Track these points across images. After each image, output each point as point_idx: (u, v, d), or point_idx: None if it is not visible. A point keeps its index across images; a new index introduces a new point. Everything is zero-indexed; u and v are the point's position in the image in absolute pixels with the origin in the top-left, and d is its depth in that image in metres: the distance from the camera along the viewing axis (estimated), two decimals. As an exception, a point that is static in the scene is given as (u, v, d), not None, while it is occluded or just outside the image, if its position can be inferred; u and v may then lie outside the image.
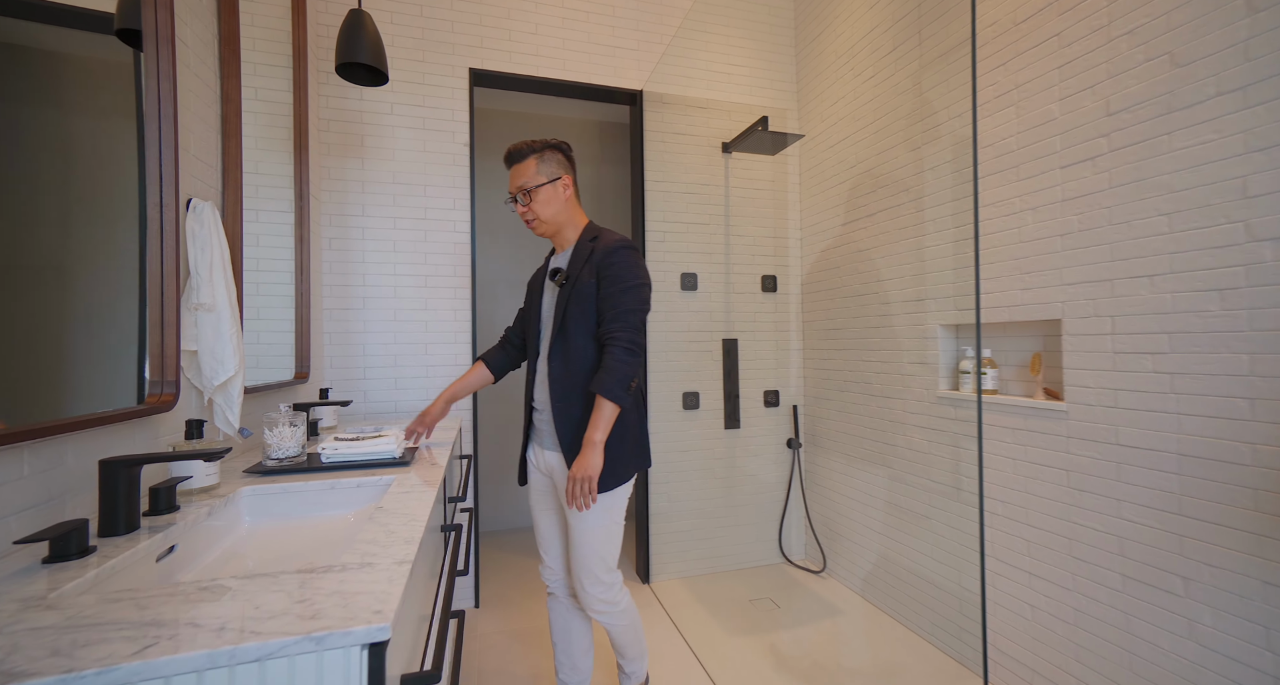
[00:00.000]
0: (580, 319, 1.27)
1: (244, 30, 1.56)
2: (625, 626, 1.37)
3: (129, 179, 0.95)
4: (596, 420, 1.20)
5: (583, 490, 1.19)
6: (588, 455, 1.19)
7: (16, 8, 0.75)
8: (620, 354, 1.21)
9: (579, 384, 1.27)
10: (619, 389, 1.20)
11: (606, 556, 1.29)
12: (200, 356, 1.09)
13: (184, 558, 0.82)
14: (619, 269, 1.25)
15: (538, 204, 1.31)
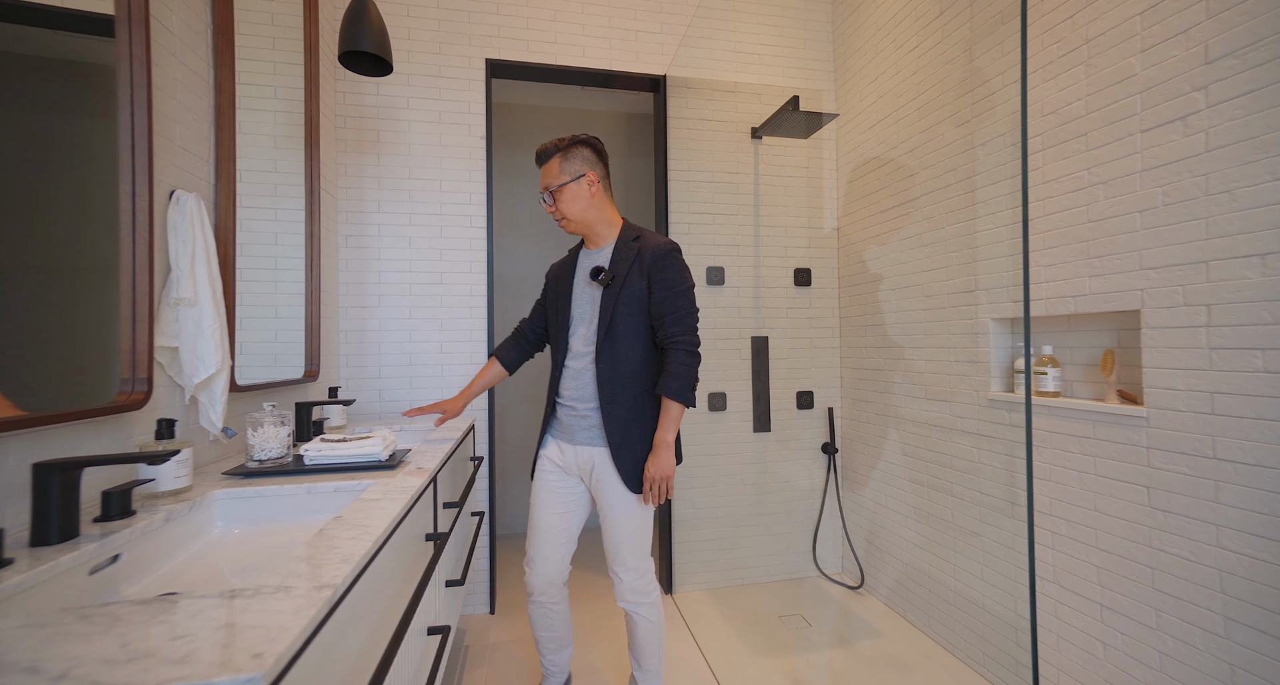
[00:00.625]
0: (628, 320, 1.29)
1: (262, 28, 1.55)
2: (652, 623, 1.38)
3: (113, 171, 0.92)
4: (666, 422, 1.27)
5: (660, 489, 1.27)
6: (662, 456, 1.27)
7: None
8: (684, 357, 1.27)
9: (627, 384, 1.30)
10: (687, 391, 1.26)
11: (644, 544, 1.35)
12: (181, 353, 1.05)
13: (129, 569, 0.77)
14: (672, 272, 1.29)
15: (563, 203, 1.32)
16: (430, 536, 1.10)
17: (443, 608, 1.25)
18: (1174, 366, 1.16)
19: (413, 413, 1.44)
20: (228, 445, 1.22)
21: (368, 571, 0.72)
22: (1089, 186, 1.34)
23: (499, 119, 3.02)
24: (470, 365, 2.10)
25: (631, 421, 1.30)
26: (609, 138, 3.14)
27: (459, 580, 1.33)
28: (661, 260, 1.29)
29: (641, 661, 1.41)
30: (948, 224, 1.80)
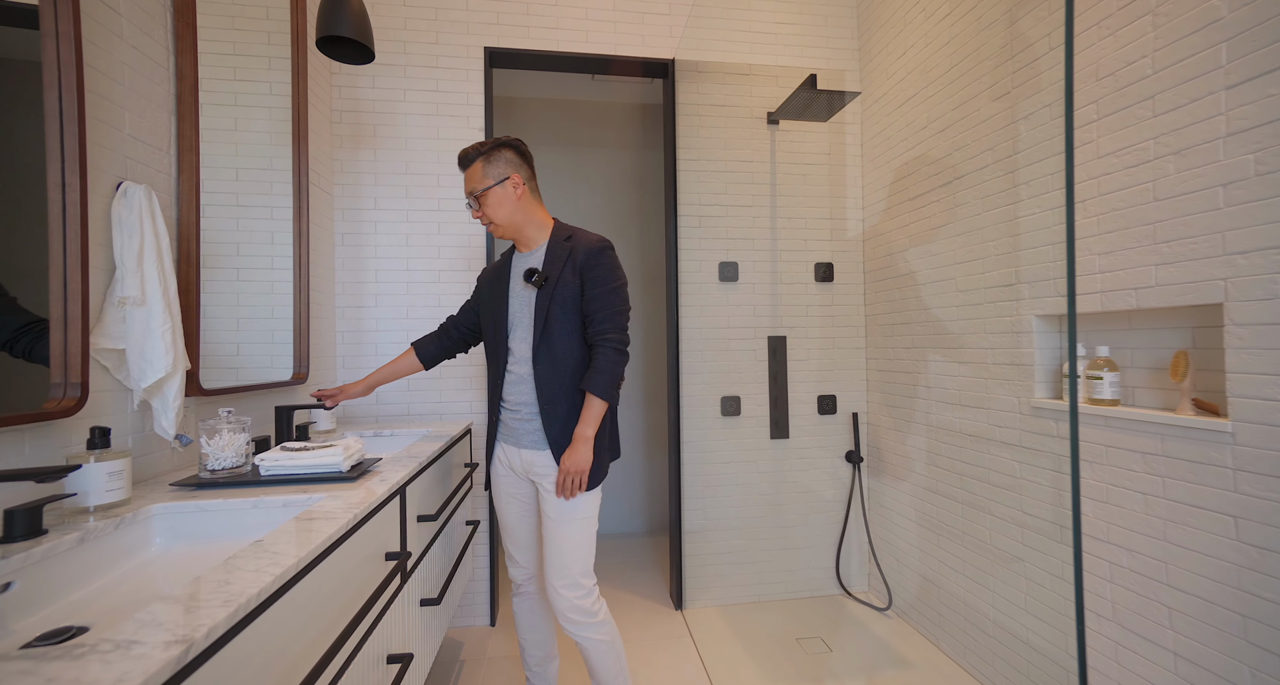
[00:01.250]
0: (563, 320, 1.28)
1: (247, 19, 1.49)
2: (603, 643, 1.29)
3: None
4: (587, 417, 1.24)
5: (573, 483, 1.23)
6: (579, 449, 1.23)
7: None
8: (611, 354, 1.26)
9: (565, 384, 1.28)
10: (610, 388, 1.25)
11: (584, 558, 1.29)
12: (128, 355, 0.99)
13: (25, 597, 0.69)
14: (603, 270, 1.28)
15: (489, 207, 1.29)
16: (392, 556, 1.00)
17: (415, 630, 1.16)
18: (1266, 371, 0.96)
19: (319, 393, 1.43)
20: (183, 453, 1.15)
21: (274, 606, 0.61)
22: (1156, 159, 1.14)
23: (505, 114, 2.94)
24: (469, 366, 2.01)
25: (571, 422, 1.28)
26: (623, 129, 3.02)
27: (435, 599, 1.24)
28: (593, 258, 1.28)
29: (603, 678, 1.30)
30: (985, 210, 1.61)
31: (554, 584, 1.27)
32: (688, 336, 2.14)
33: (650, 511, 3.05)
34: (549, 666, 1.50)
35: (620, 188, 3.03)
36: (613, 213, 3.01)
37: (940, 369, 1.81)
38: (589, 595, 1.28)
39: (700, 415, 2.14)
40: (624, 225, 3.02)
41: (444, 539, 1.44)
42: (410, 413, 1.97)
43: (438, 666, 1.76)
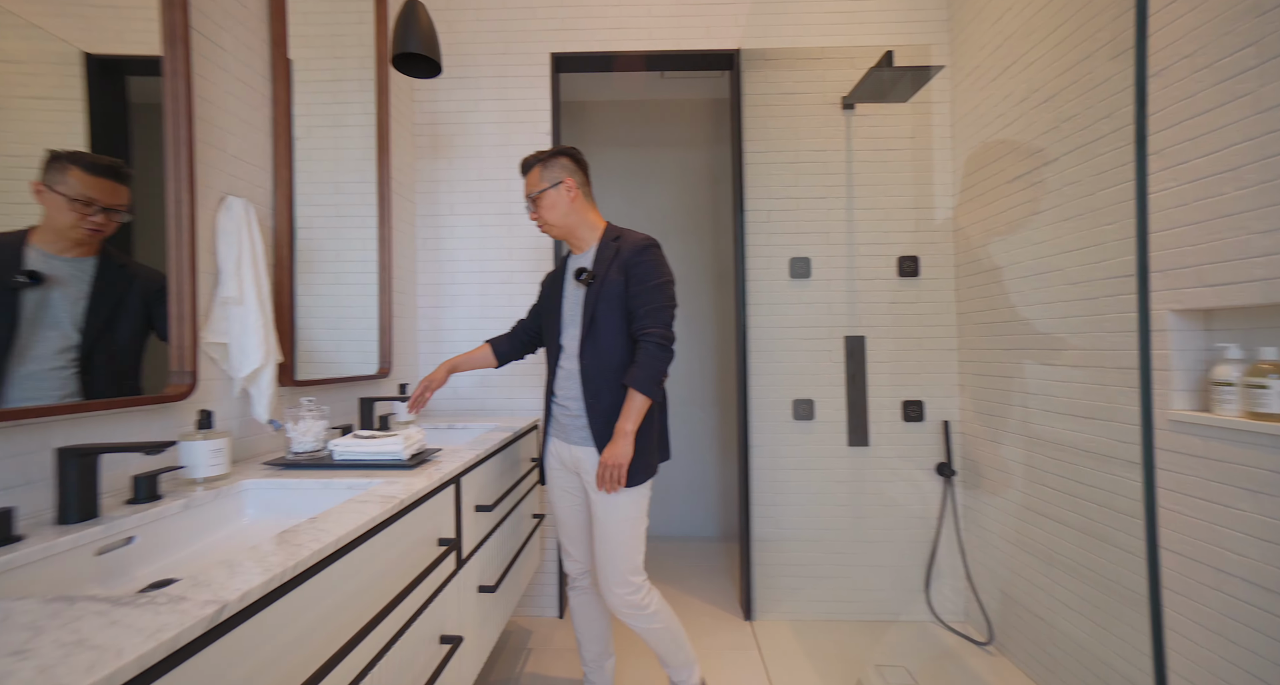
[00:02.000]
0: (609, 316, 1.31)
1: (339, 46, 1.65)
2: (659, 631, 1.35)
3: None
4: (628, 411, 1.25)
5: (613, 476, 1.24)
6: (618, 443, 1.25)
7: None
8: (653, 350, 1.26)
9: (609, 379, 1.30)
10: (651, 384, 1.26)
11: (632, 556, 1.32)
12: (230, 348, 1.12)
13: (144, 551, 0.80)
14: (646, 267, 1.30)
15: (543, 209, 1.36)
16: (445, 541, 1.05)
17: (470, 615, 1.20)
18: None
19: (414, 407, 1.50)
20: (278, 436, 1.28)
21: (311, 580, 0.66)
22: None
23: (573, 118, 3.01)
24: (540, 364, 2.07)
25: (614, 417, 1.29)
26: (691, 126, 2.99)
27: (492, 587, 1.28)
28: (637, 255, 1.31)
29: (668, 660, 1.41)
30: (1100, 189, 1.39)
31: (605, 582, 1.33)
32: (756, 336, 2.06)
33: (723, 516, 2.97)
34: (605, 663, 1.51)
35: (691, 186, 2.99)
36: (684, 211, 2.98)
37: (1048, 373, 1.59)
38: (638, 591, 1.32)
39: (770, 418, 2.05)
40: (696, 224, 2.98)
41: (505, 529, 1.49)
42: (484, 408, 2.07)
43: (506, 652, 1.83)
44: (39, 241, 0.79)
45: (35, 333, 0.78)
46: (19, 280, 0.76)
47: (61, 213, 0.81)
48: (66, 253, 0.82)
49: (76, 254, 0.84)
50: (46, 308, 0.79)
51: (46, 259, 0.79)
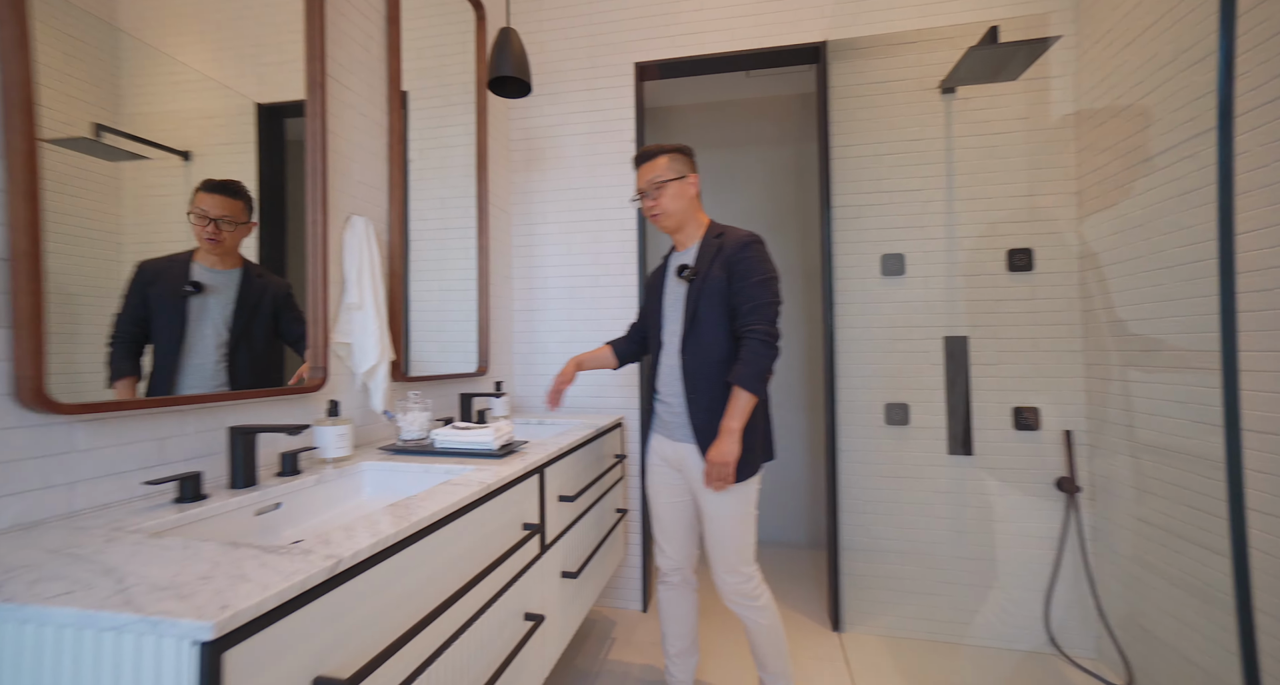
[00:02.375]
0: (710, 313, 1.32)
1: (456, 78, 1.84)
2: (765, 627, 1.37)
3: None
4: (733, 409, 1.25)
5: (720, 474, 1.25)
6: (725, 442, 1.25)
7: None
8: (758, 347, 1.25)
9: (711, 376, 1.32)
10: (756, 381, 1.24)
11: (743, 547, 1.34)
12: (353, 347, 1.29)
13: (288, 516, 0.95)
14: (750, 263, 1.29)
15: (666, 197, 1.37)
16: (529, 526, 1.13)
17: (553, 597, 1.28)
18: None
19: (554, 402, 1.53)
20: (392, 424, 1.45)
21: (410, 548, 0.75)
22: None
23: (657, 124, 3.06)
24: (622, 365, 2.14)
25: (715, 413, 1.30)
26: (778, 124, 2.92)
27: (574, 573, 1.35)
28: (740, 251, 1.31)
29: (763, 662, 1.42)
30: (1270, 160, 1.18)
31: (716, 569, 1.37)
32: (845, 336, 1.98)
33: (811, 522, 2.87)
34: (688, 661, 1.52)
35: (778, 185, 2.93)
36: (771, 211, 2.93)
37: (1203, 379, 1.37)
38: (749, 581, 1.35)
39: (860, 423, 1.95)
40: (783, 223, 2.91)
41: (588, 521, 1.56)
42: (573, 405, 2.18)
43: (591, 640, 1.91)
44: (199, 258, 0.97)
45: (198, 331, 0.96)
46: (186, 289, 0.94)
47: (195, 231, 0.97)
48: (217, 266, 1.00)
49: (225, 266, 1.01)
50: (205, 311, 0.97)
51: (204, 271, 0.98)
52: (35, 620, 0.49)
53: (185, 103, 0.96)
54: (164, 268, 0.90)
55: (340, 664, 0.62)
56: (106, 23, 0.84)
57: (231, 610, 0.48)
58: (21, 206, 0.70)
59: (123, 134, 0.85)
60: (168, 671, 0.47)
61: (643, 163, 1.41)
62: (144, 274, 0.86)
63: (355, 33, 1.35)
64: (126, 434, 0.85)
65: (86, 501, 0.80)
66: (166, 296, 0.90)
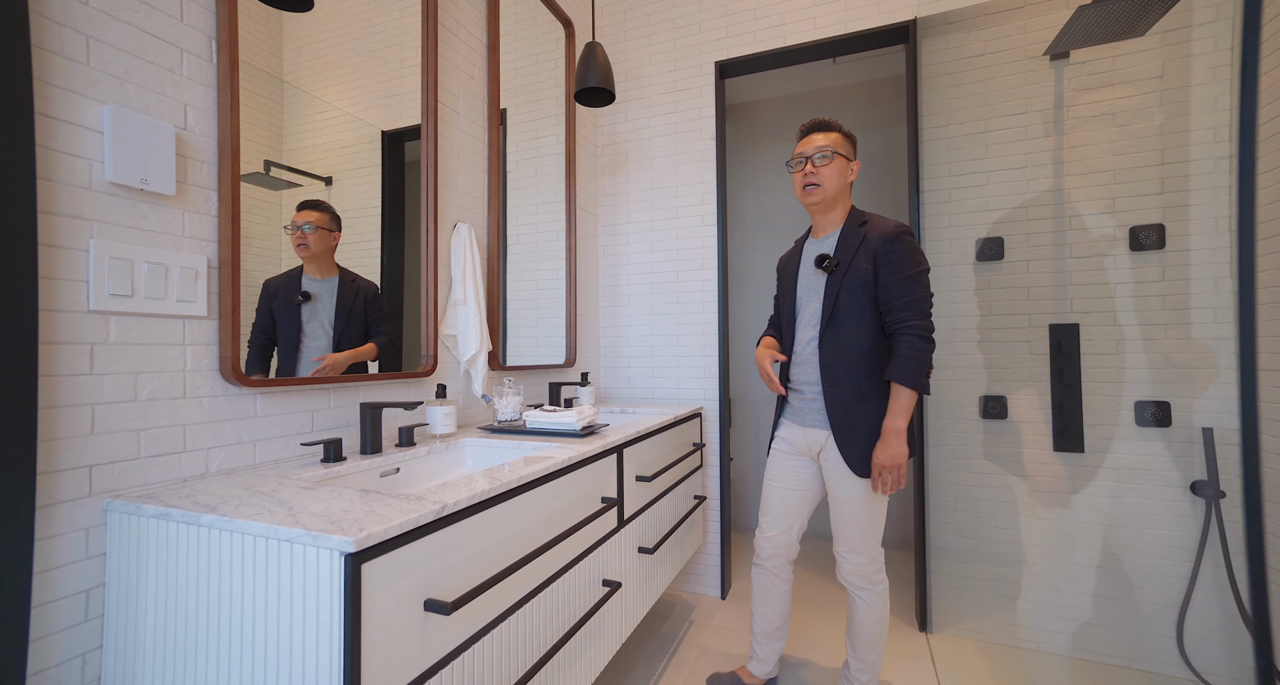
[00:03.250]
0: (852, 306, 1.32)
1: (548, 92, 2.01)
2: (875, 613, 1.38)
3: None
4: (897, 408, 1.25)
5: (895, 478, 1.26)
6: (894, 444, 1.25)
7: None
8: (915, 342, 1.24)
9: (850, 368, 1.32)
10: (919, 376, 1.23)
11: (873, 530, 1.36)
12: (458, 338, 1.48)
13: (405, 480, 1.14)
14: (902, 256, 1.28)
15: (829, 171, 1.35)
16: (606, 499, 1.24)
17: (632, 570, 1.38)
18: None
19: (777, 388, 1.45)
20: (489, 407, 1.63)
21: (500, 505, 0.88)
22: None
23: (740, 119, 3.06)
24: (702, 357, 2.20)
25: (854, 405, 1.31)
26: (869, 110, 2.81)
27: (650, 549, 1.45)
28: (889, 243, 1.28)
29: (857, 648, 1.41)
30: None
31: (841, 548, 1.39)
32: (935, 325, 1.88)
33: (901, 521, 2.74)
34: (774, 645, 1.55)
35: (870, 172, 2.82)
36: (864, 199, 2.82)
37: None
38: (870, 564, 1.37)
39: (951, 416, 1.86)
40: (877, 210, 2.80)
41: (666, 503, 1.65)
42: (654, 396, 2.28)
43: (670, 621, 2.00)
44: (306, 271, 1.13)
45: (311, 332, 1.13)
46: (298, 299, 1.11)
47: (291, 239, 1.09)
48: (320, 276, 1.15)
49: (324, 275, 1.16)
50: (315, 315, 1.14)
51: (310, 281, 1.13)
52: (239, 531, 0.67)
53: (329, 136, 1.17)
54: (282, 282, 1.07)
55: (444, 591, 0.75)
56: (275, 77, 1.06)
57: (366, 532, 0.63)
58: (228, 228, 0.92)
59: (285, 167, 1.07)
60: (324, 573, 0.63)
61: (817, 131, 1.39)
62: (268, 289, 1.04)
63: (461, 62, 1.54)
64: (288, 405, 1.07)
65: (263, 456, 1.02)
66: (285, 305, 1.08)
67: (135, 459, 0.83)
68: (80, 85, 0.77)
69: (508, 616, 0.88)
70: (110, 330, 0.80)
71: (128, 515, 0.77)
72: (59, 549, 0.75)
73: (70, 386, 0.76)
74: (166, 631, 0.72)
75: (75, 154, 0.76)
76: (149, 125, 0.83)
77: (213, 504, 0.74)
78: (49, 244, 0.73)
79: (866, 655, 1.40)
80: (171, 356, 0.87)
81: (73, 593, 0.76)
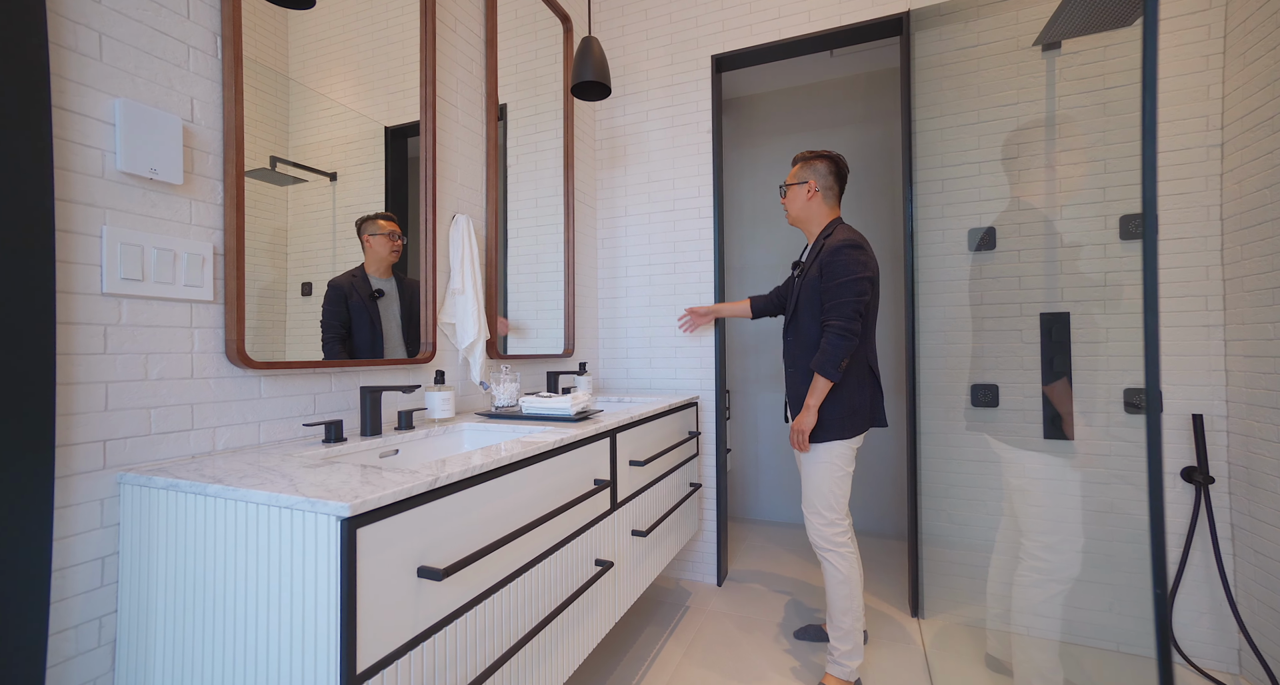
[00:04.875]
0: (807, 305, 1.59)
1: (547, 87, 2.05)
2: (842, 575, 1.53)
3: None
4: (811, 389, 1.52)
5: (797, 440, 1.54)
6: (803, 414, 1.53)
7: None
8: (833, 339, 1.48)
9: (801, 357, 1.60)
10: (830, 367, 1.48)
11: (825, 495, 1.55)
12: (456, 327, 1.52)
13: (404, 459, 1.18)
14: (837, 265, 1.50)
15: (787, 200, 1.69)
16: (599, 481, 1.28)
17: (625, 552, 1.42)
18: None
19: (690, 328, 2.15)
20: (486, 394, 1.68)
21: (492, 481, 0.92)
22: None
23: (737, 114, 3.08)
24: (699, 347, 2.24)
25: (802, 386, 1.58)
26: (867, 103, 2.82)
27: (643, 532, 1.48)
28: (830, 255, 1.51)
29: (832, 615, 1.55)
30: None
31: (806, 511, 1.59)
32: (927, 315, 1.91)
33: (899, 514, 2.77)
34: None
35: (868, 164, 2.83)
36: (862, 192, 2.84)
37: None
38: (831, 526, 1.54)
39: (942, 404, 1.88)
40: (874, 204, 2.82)
41: (660, 489, 1.68)
42: (651, 386, 2.32)
43: (665, 607, 2.04)
44: (370, 271, 1.25)
45: (388, 323, 1.30)
46: (375, 293, 1.26)
47: (382, 247, 1.26)
48: (382, 275, 1.30)
49: (385, 276, 1.31)
50: (388, 308, 1.30)
51: (378, 281, 1.29)
52: (242, 499, 0.72)
53: (333, 132, 1.21)
54: (349, 281, 1.22)
55: (437, 560, 0.80)
56: (281, 74, 1.10)
57: (361, 499, 0.67)
58: (233, 216, 0.96)
59: (290, 163, 1.11)
60: (322, 537, 0.67)
61: (792, 166, 1.70)
62: (338, 288, 1.19)
63: (460, 57, 1.58)
64: (290, 388, 1.11)
65: (267, 436, 1.06)
66: (362, 301, 1.24)
67: (146, 435, 0.87)
68: (93, 80, 0.81)
69: (501, 588, 0.92)
70: (122, 312, 0.85)
71: (139, 487, 0.81)
72: (76, 517, 0.79)
73: (85, 364, 0.80)
74: (176, 596, 0.77)
75: (89, 145, 0.81)
76: (158, 118, 0.87)
77: (219, 476, 0.79)
78: (65, 230, 0.78)
79: (842, 621, 1.52)
80: (180, 338, 0.92)
81: (89, 559, 0.81)
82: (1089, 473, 1.70)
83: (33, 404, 0.71)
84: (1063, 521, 1.72)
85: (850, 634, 1.52)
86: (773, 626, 1.88)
